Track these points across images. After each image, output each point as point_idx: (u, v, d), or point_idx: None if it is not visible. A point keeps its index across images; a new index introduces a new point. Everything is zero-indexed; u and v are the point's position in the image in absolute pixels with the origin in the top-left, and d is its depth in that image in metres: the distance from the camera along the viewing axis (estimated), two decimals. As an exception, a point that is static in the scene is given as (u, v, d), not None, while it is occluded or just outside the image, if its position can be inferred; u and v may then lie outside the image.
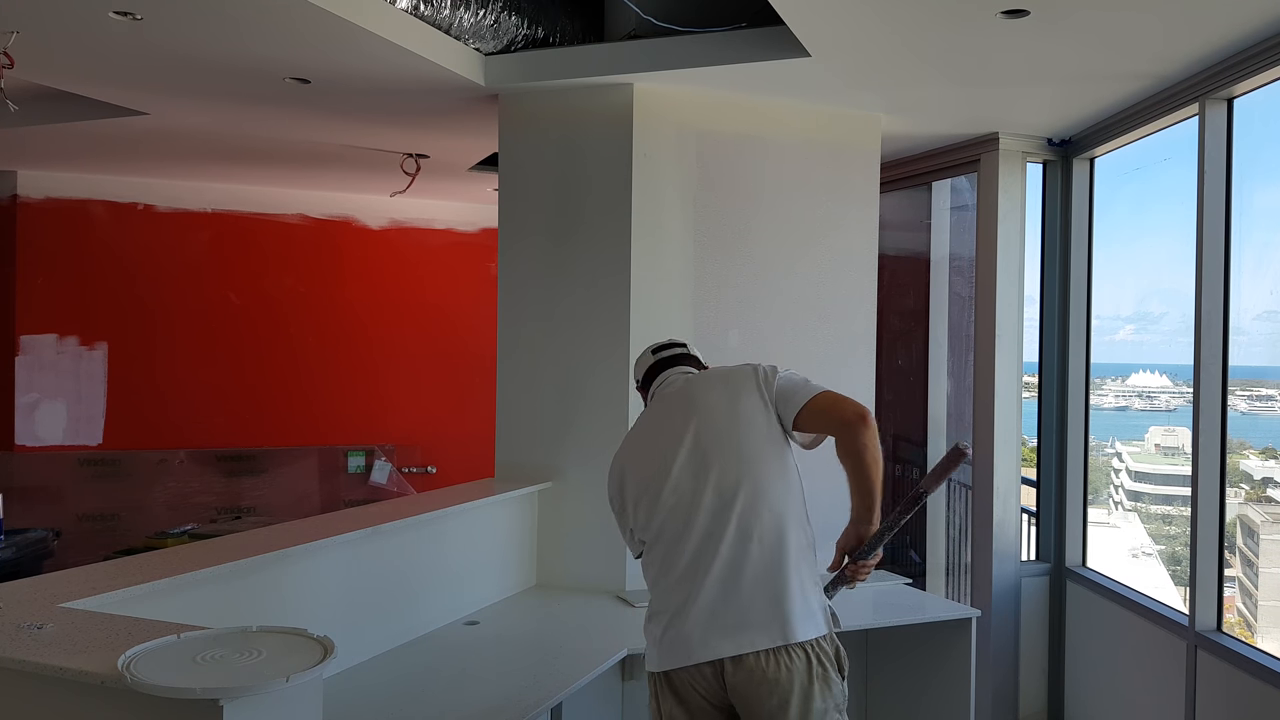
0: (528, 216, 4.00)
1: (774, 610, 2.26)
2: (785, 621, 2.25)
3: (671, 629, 2.34)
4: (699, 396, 2.47)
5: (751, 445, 2.37)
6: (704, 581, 2.31)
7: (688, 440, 2.40)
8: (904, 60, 3.51)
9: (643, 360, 2.71)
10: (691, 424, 2.42)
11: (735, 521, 2.32)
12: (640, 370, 2.70)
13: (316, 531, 2.92)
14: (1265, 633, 5.48)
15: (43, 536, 5.00)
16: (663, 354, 2.68)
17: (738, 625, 2.26)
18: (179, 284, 6.56)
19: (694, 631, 2.30)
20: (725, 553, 2.31)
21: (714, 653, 2.26)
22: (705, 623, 2.29)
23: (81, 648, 1.78)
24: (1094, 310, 4.64)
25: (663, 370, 2.63)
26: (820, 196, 4.17)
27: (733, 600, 2.28)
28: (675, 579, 2.37)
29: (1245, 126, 3.46)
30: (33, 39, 3.29)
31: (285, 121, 4.62)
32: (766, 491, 2.34)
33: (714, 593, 2.30)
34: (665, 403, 2.55)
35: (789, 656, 2.24)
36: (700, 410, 2.43)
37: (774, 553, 2.30)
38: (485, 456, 4.18)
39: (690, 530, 2.35)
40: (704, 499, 2.35)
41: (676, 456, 2.40)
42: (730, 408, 2.41)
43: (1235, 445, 3.78)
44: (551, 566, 3.93)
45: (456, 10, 3.46)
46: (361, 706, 2.64)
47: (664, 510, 2.40)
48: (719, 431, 2.40)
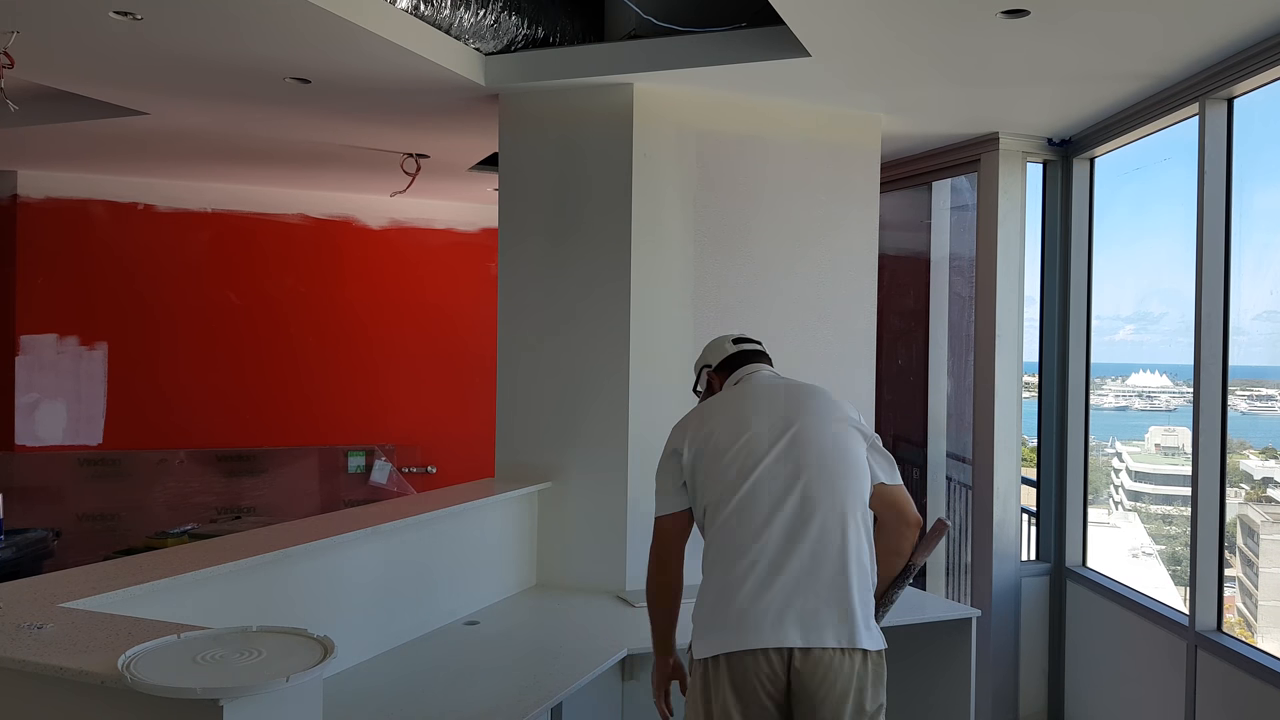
0: (528, 216, 4.00)
1: (844, 615, 2.33)
2: (853, 628, 2.33)
3: (742, 613, 2.35)
4: (804, 402, 2.54)
5: (845, 471, 2.45)
6: (779, 577, 2.35)
7: (786, 437, 2.45)
8: (904, 60, 3.51)
9: (720, 347, 2.77)
10: (794, 425, 2.47)
11: (815, 531, 2.37)
12: (716, 356, 2.76)
13: (316, 531, 2.92)
14: (1265, 633, 5.48)
15: (43, 536, 5.00)
16: (745, 346, 2.75)
17: (811, 621, 2.32)
18: (179, 284, 6.56)
19: (767, 618, 2.32)
20: (804, 556, 2.36)
21: (787, 640, 2.30)
22: (780, 612, 2.33)
23: (81, 648, 1.78)
24: (1094, 310, 4.64)
25: (746, 362, 2.70)
26: (820, 196, 4.17)
27: (809, 598, 2.33)
28: (749, 569, 2.38)
29: (1245, 127, 3.46)
30: (33, 39, 3.29)
31: (285, 121, 4.62)
32: (846, 516, 2.40)
33: (790, 588, 2.34)
34: (763, 393, 2.58)
35: (851, 659, 2.32)
36: (805, 416, 2.50)
37: (845, 570, 2.37)
38: (485, 456, 4.18)
39: (770, 525, 2.39)
40: (790, 499, 2.40)
41: (772, 447, 2.45)
42: (833, 429, 2.49)
43: (1235, 445, 3.78)
44: (551, 566, 3.93)
45: (456, 10, 3.46)
46: (361, 706, 2.64)
47: (743, 492, 2.43)
48: (820, 444, 2.46)
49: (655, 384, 3.89)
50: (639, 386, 3.85)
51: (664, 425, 3.88)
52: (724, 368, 2.73)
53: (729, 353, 2.74)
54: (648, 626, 3.42)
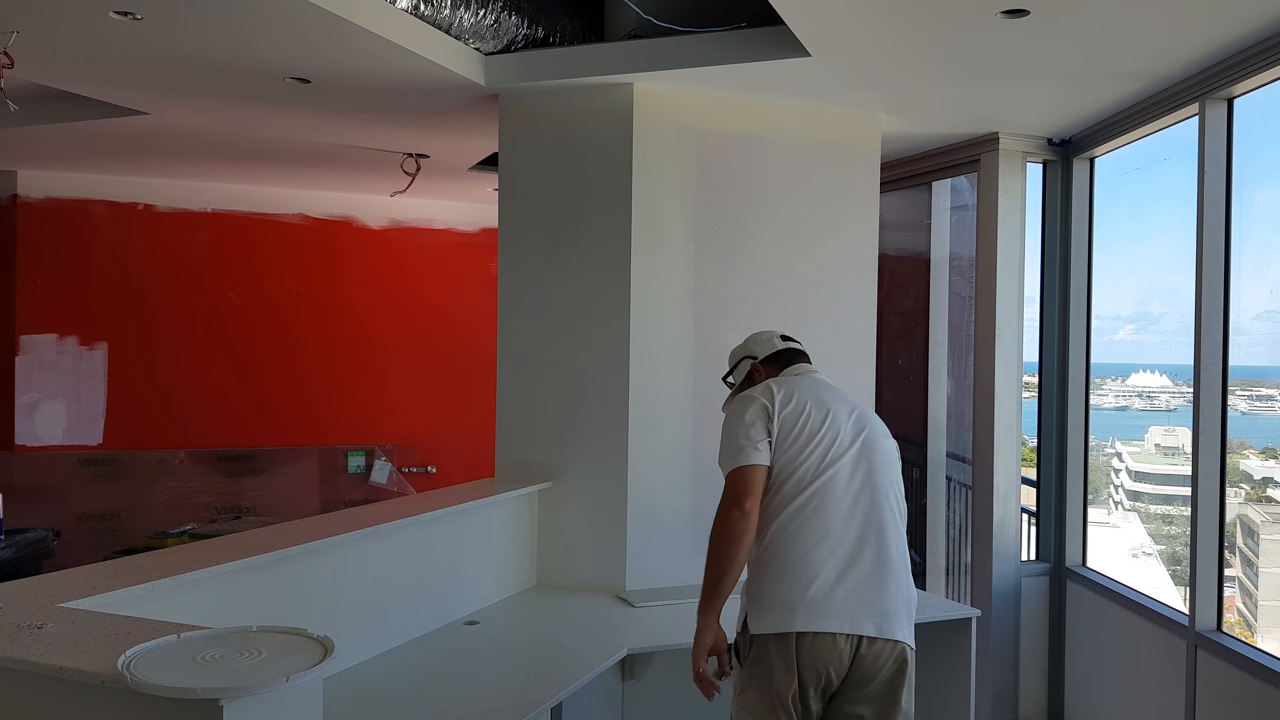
0: (528, 216, 4.00)
1: (906, 613, 2.50)
2: (909, 625, 2.50)
3: (821, 596, 2.42)
4: (865, 410, 2.66)
5: (897, 482, 2.61)
6: (857, 567, 2.46)
7: (862, 437, 2.57)
8: (904, 60, 3.51)
9: (768, 341, 2.82)
10: (865, 428, 2.59)
11: (883, 531, 2.51)
12: (763, 349, 2.81)
13: (317, 531, 2.92)
14: (1265, 633, 5.48)
15: (43, 536, 5.00)
16: (793, 344, 2.82)
17: (883, 613, 2.44)
18: (179, 284, 6.56)
19: (846, 605, 2.42)
20: (875, 551, 2.48)
21: (861, 628, 2.41)
22: (857, 600, 2.43)
23: (81, 648, 1.78)
24: (1094, 310, 4.64)
25: (796, 359, 2.77)
26: (820, 196, 4.17)
27: (880, 591, 2.46)
28: (829, 555, 2.46)
29: (1245, 127, 3.46)
30: (33, 39, 3.29)
31: (285, 121, 4.62)
32: (899, 523, 2.57)
33: (865, 580, 2.45)
34: (834, 391, 2.66)
35: (906, 653, 2.47)
36: (871, 423, 2.62)
37: (904, 571, 2.54)
38: (485, 456, 4.18)
39: (851, 517, 2.49)
40: (864, 497, 2.51)
41: (853, 443, 2.56)
42: (886, 442, 2.63)
43: (1235, 445, 3.78)
44: (551, 566, 3.93)
45: (456, 10, 3.46)
46: (361, 706, 2.64)
47: (826, 477, 2.50)
48: (883, 453, 2.60)
49: (655, 384, 3.89)
50: (639, 386, 3.85)
51: (664, 425, 3.90)
52: (772, 361, 2.78)
53: (777, 348, 2.79)
54: (647, 626, 3.44)
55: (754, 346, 2.84)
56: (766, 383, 2.68)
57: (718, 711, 3.85)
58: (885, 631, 2.43)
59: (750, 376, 2.80)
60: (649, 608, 3.63)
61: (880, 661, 2.43)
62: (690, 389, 3.95)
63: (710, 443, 4.02)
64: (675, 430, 3.93)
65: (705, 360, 3.97)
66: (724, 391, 3.98)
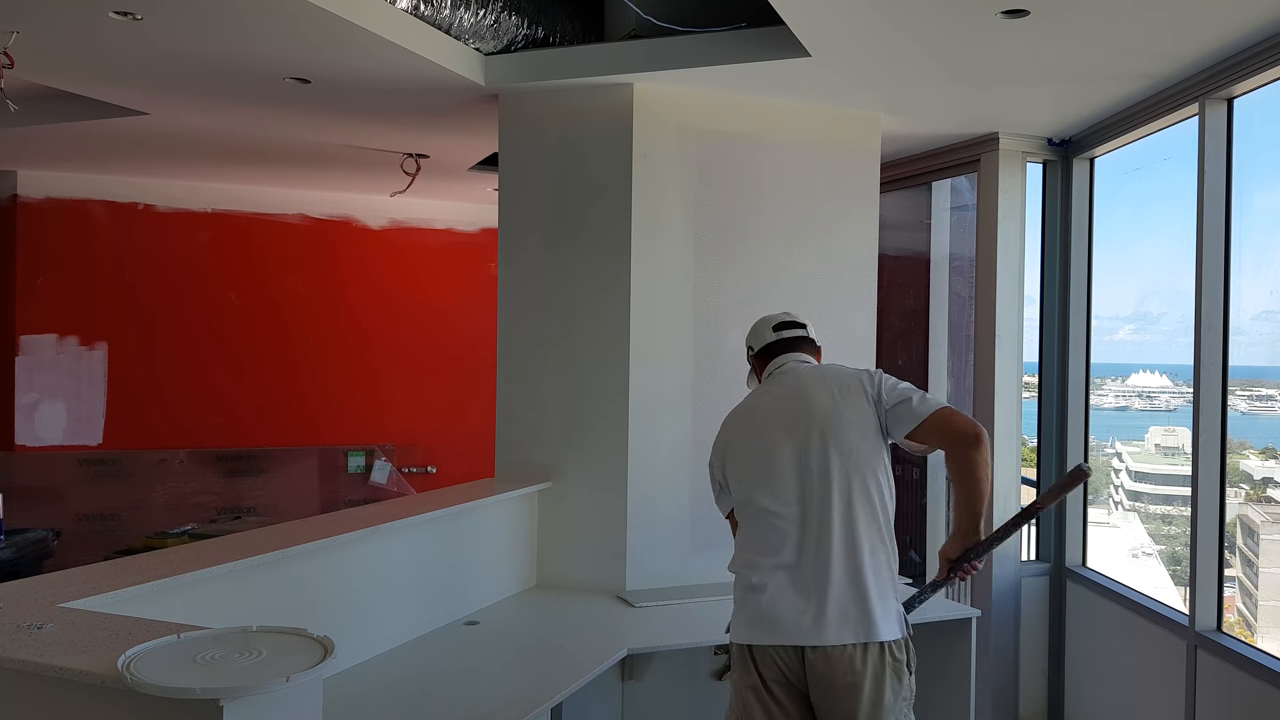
0: (528, 216, 4.00)
1: (860, 610, 2.43)
2: (870, 621, 2.43)
3: (761, 607, 2.49)
4: (813, 397, 2.59)
5: (852, 455, 2.51)
6: (796, 573, 2.48)
7: (795, 435, 2.55)
8: (904, 60, 3.51)
9: (761, 333, 2.82)
10: (800, 423, 2.56)
11: (829, 532, 2.47)
12: (758, 341, 2.82)
13: (317, 531, 2.92)
14: (1265, 633, 5.48)
15: (43, 536, 5.00)
16: (783, 334, 2.79)
17: (825, 617, 2.42)
18: (179, 284, 6.56)
19: (785, 614, 2.45)
20: (820, 556, 2.47)
21: (801, 639, 2.43)
22: (799, 610, 2.44)
23: (81, 648, 1.78)
24: (1094, 310, 4.64)
25: (781, 352, 2.76)
26: (820, 196, 4.17)
27: (823, 594, 2.44)
28: (771, 569, 2.50)
29: (1245, 127, 3.46)
30: (33, 39, 3.29)
31: (285, 121, 4.62)
32: (856, 501, 2.49)
33: (807, 588, 2.46)
34: (779, 390, 2.68)
35: (867, 652, 2.41)
36: (813, 409, 2.57)
37: (859, 557, 2.46)
38: (486, 456, 4.18)
39: (788, 519, 2.51)
40: (805, 494, 2.51)
41: (784, 446, 2.55)
42: (836, 414, 2.55)
43: (1235, 445, 3.78)
44: (551, 566, 3.93)
45: (456, 10, 3.46)
46: (361, 706, 2.64)
47: (761, 487, 2.56)
48: (825, 434, 2.53)
49: (655, 384, 3.89)
50: (639, 386, 3.85)
51: (664, 425, 3.90)
52: (763, 355, 2.81)
53: (767, 340, 2.80)
54: (647, 626, 3.45)
55: (751, 337, 2.86)
56: (724, 420, 2.77)
57: (718, 711, 3.85)
58: (831, 638, 2.41)
59: (754, 370, 2.87)
60: (649, 608, 3.63)
61: (835, 665, 2.40)
62: (690, 389, 3.95)
63: (710, 442, 4.02)
64: (675, 430, 3.93)
65: (705, 360, 3.97)
66: (721, 387, 3.99)
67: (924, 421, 2.49)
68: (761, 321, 2.86)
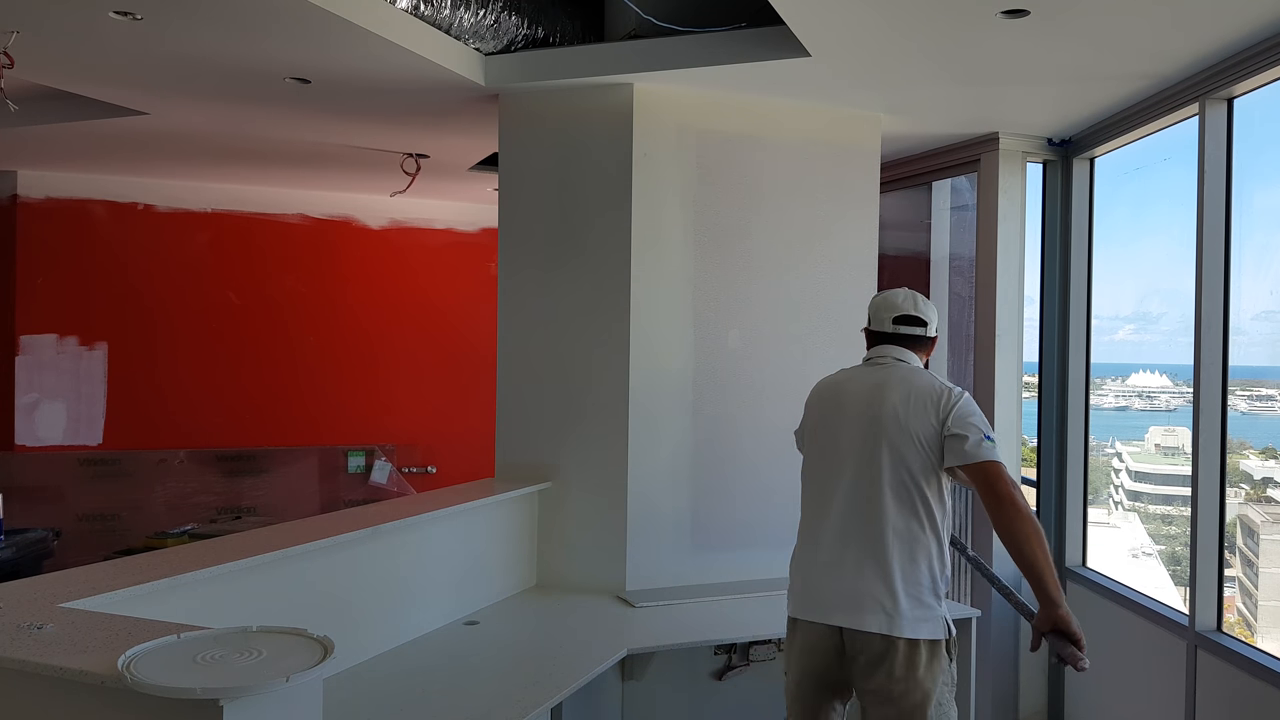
0: (528, 216, 4.00)
1: (889, 606, 2.57)
2: (894, 618, 2.56)
3: (806, 587, 2.72)
4: (886, 398, 2.71)
5: (899, 463, 2.64)
6: (836, 562, 2.66)
7: (858, 427, 2.71)
8: (904, 60, 3.51)
9: (880, 315, 2.89)
10: (866, 419, 2.70)
11: (867, 527, 2.63)
12: (874, 323, 2.90)
13: (316, 531, 2.92)
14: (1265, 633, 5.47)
15: (43, 536, 5.00)
16: (898, 329, 2.85)
17: (857, 605, 2.59)
18: (179, 284, 6.56)
19: (824, 596, 2.66)
20: (857, 547, 2.63)
21: (835, 619, 2.62)
22: (834, 593, 2.64)
23: (81, 648, 1.78)
24: (1094, 310, 4.63)
25: (887, 342, 2.87)
26: (820, 196, 4.17)
27: (857, 586, 2.61)
28: (814, 550, 2.72)
29: (1245, 127, 3.45)
30: (33, 39, 3.29)
31: (285, 121, 4.62)
32: (889, 516, 2.62)
33: (843, 573, 2.64)
34: (865, 380, 2.81)
35: (894, 645, 2.55)
36: (882, 409, 2.69)
37: (888, 566, 2.60)
38: (485, 456, 4.18)
39: (831, 516, 2.70)
40: (852, 495, 2.67)
41: (846, 434, 2.73)
42: (898, 421, 2.66)
43: (1235, 445, 3.77)
44: (551, 566, 3.93)
45: (456, 10, 3.46)
46: (361, 706, 2.64)
47: (818, 478, 2.78)
48: (881, 436, 2.67)
49: (655, 383, 3.89)
50: (639, 386, 3.85)
51: (664, 425, 3.90)
52: (873, 336, 2.92)
53: (881, 328, 2.88)
54: (647, 626, 3.45)
55: (872, 311, 2.93)
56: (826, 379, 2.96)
57: (717, 712, 3.86)
58: (859, 624, 2.57)
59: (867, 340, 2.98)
60: (649, 608, 3.63)
61: (864, 651, 2.57)
62: (690, 389, 3.95)
63: (710, 442, 4.03)
64: (675, 430, 3.93)
65: (705, 360, 3.97)
66: (721, 387, 3.99)
67: (970, 464, 2.58)
68: (887, 301, 2.90)
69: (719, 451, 3.99)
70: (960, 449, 2.58)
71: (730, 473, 4.01)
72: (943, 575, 2.64)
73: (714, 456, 3.99)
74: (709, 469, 3.99)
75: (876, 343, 2.89)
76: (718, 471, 4.00)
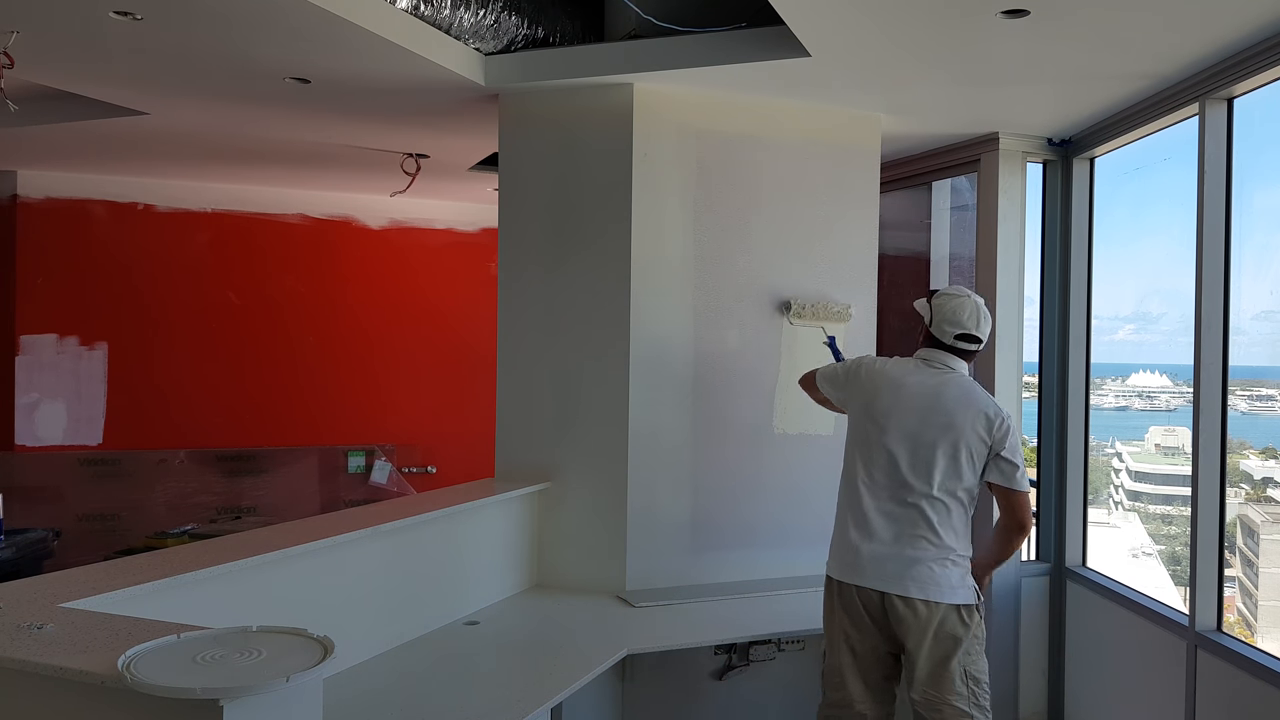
0: (528, 216, 4.00)
1: (929, 575, 2.97)
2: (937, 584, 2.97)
3: (853, 552, 3.06)
4: (944, 404, 3.04)
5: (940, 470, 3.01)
6: (883, 531, 3.02)
7: (913, 425, 3.04)
8: (904, 60, 3.51)
9: (941, 325, 3.12)
10: (920, 418, 3.03)
11: (911, 503, 3.01)
12: (937, 331, 3.13)
13: (316, 531, 2.92)
14: (1265, 633, 5.47)
15: (43, 536, 5.00)
16: (956, 344, 3.12)
17: (901, 575, 2.98)
18: (179, 284, 6.56)
19: (871, 562, 3.02)
20: (901, 518, 3.01)
21: (879, 585, 3.00)
22: (881, 559, 3.01)
23: (81, 648, 1.78)
24: (1094, 310, 4.63)
25: (941, 350, 3.13)
26: (820, 196, 4.17)
27: (901, 553, 3.00)
28: (864, 517, 3.05)
29: (1245, 127, 3.45)
30: (33, 39, 3.29)
31: (285, 121, 4.62)
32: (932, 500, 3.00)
33: (890, 541, 3.01)
34: (925, 380, 3.09)
35: (937, 607, 2.96)
36: (937, 414, 3.03)
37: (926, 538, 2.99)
38: (485, 456, 4.18)
39: (883, 489, 3.04)
40: (901, 474, 3.02)
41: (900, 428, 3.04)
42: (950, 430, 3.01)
43: (1235, 445, 3.77)
44: (551, 566, 3.93)
45: (456, 10, 3.46)
46: (361, 706, 2.64)
47: (874, 453, 3.07)
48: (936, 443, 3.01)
49: (655, 383, 3.89)
50: (639, 386, 3.85)
51: (664, 425, 3.90)
52: (930, 339, 3.16)
53: (942, 339, 3.12)
54: (647, 626, 3.46)
55: (937, 316, 3.14)
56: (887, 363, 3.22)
57: (717, 712, 3.86)
58: (900, 589, 2.96)
59: (919, 336, 3.23)
60: (649, 608, 3.63)
61: (914, 610, 2.95)
62: (690, 389, 3.95)
63: (709, 442, 4.03)
64: (675, 430, 3.93)
65: (705, 360, 3.97)
66: (721, 387, 3.99)
67: (1007, 489, 3.04)
68: (954, 315, 3.11)
69: (719, 451, 3.99)
70: (1002, 472, 3.02)
71: (730, 473, 4.01)
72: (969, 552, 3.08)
73: (714, 456, 3.99)
74: (709, 469, 3.99)
75: (931, 345, 3.16)
76: (718, 471, 4.00)
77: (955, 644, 2.97)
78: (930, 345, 3.16)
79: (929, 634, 2.96)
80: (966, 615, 2.99)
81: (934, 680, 2.97)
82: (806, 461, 4.11)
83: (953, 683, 2.96)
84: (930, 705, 2.99)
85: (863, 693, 3.07)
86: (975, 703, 2.98)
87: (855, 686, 3.07)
